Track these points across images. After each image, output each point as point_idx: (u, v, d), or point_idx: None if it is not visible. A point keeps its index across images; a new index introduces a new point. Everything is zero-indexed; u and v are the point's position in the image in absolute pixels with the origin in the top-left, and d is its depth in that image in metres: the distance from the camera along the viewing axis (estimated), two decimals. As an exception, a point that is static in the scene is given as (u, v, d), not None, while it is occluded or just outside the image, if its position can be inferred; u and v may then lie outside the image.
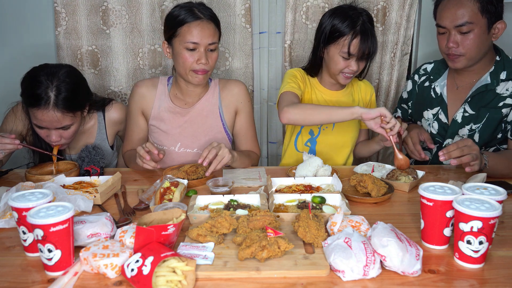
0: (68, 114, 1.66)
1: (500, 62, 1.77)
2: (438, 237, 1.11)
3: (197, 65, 1.69)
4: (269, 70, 2.47)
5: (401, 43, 2.36)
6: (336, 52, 1.76)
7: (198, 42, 1.66)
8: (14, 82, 1.69)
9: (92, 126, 1.91)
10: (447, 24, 1.69)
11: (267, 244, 1.03)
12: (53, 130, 1.68)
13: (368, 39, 1.72)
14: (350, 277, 0.98)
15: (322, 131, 1.95)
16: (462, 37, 1.68)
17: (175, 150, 1.84)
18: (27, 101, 1.66)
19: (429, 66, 1.98)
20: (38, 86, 1.60)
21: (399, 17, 2.34)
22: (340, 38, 1.74)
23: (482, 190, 1.10)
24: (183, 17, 1.67)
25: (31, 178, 1.59)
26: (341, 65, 1.78)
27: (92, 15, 2.30)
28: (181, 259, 0.98)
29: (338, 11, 1.78)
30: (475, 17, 1.64)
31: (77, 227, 1.12)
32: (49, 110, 1.61)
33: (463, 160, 1.47)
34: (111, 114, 1.92)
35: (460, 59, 1.72)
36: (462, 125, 1.81)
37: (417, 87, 1.99)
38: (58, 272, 1.02)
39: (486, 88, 1.76)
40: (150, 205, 1.36)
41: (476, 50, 1.69)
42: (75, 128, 1.74)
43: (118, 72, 2.39)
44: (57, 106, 1.61)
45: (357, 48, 1.72)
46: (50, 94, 1.60)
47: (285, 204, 1.37)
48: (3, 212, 1.28)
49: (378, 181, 1.47)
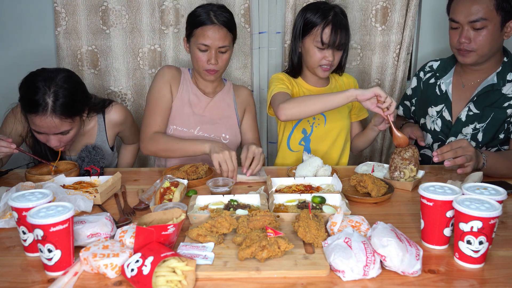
0: (67, 120, 1.65)
1: (508, 63, 1.78)
2: (438, 237, 1.11)
3: (207, 65, 1.81)
4: (268, 70, 2.46)
5: (406, 43, 2.36)
6: (311, 43, 1.81)
7: (209, 45, 1.78)
8: (14, 81, 1.69)
9: (92, 128, 1.90)
10: (461, 19, 1.69)
11: (267, 244, 1.03)
12: (52, 135, 1.68)
13: (340, 30, 1.77)
14: (350, 277, 0.98)
15: (315, 129, 1.97)
16: (475, 33, 1.68)
17: (194, 133, 1.90)
18: (25, 107, 1.65)
19: (435, 63, 1.98)
20: (36, 92, 1.59)
21: (401, 17, 2.33)
22: (313, 28, 1.79)
23: (482, 190, 1.10)
24: (199, 19, 1.78)
25: (31, 178, 1.59)
26: (317, 57, 1.82)
27: (92, 15, 2.30)
28: (181, 259, 0.98)
29: (311, 6, 1.86)
30: (490, 13, 1.64)
31: (77, 227, 1.12)
32: (47, 117, 1.60)
33: (457, 162, 1.46)
34: (111, 115, 1.91)
35: (471, 54, 1.72)
36: (466, 124, 1.81)
37: (422, 84, 1.99)
38: (58, 272, 1.02)
39: (492, 88, 1.76)
40: (150, 205, 1.36)
41: (488, 47, 1.69)
42: (74, 132, 1.73)
43: (118, 72, 2.39)
44: (55, 112, 1.60)
45: (330, 37, 1.77)
46: (48, 100, 1.59)
47: (285, 204, 1.37)
48: (3, 212, 1.28)
49: (378, 181, 1.47)
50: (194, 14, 1.81)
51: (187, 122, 1.90)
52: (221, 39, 1.78)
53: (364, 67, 2.45)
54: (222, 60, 1.83)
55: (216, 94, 1.97)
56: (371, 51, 2.41)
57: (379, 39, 2.38)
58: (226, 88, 2.01)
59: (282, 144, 2.04)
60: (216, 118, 1.94)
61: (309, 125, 1.97)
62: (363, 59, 2.44)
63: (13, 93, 1.95)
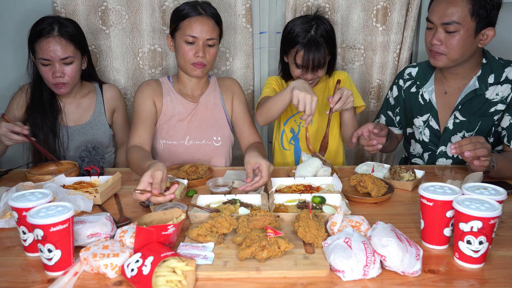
0: (71, 44, 1.83)
1: (487, 65, 1.74)
2: (438, 237, 1.11)
3: (195, 58, 1.76)
4: (269, 70, 2.47)
5: (408, 43, 2.35)
6: (291, 61, 1.86)
7: (196, 36, 1.74)
8: (14, 81, 1.70)
9: (91, 98, 2.03)
10: (435, 20, 1.66)
11: (267, 244, 1.03)
12: (56, 64, 1.81)
13: (312, 52, 1.77)
14: (350, 277, 0.98)
15: (302, 128, 1.99)
16: (447, 36, 1.65)
17: (184, 144, 1.87)
18: (33, 36, 1.83)
19: (414, 70, 1.93)
20: (44, 21, 1.84)
21: (401, 17, 2.34)
22: (291, 48, 1.83)
23: (482, 190, 1.10)
24: (186, 12, 1.76)
25: (31, 178, 1.59)
26: (297, 73, 1.86)
27: (92, 15, 2.29)
28: (181, 259, 0.98)
29: (297, 20, 1.86)
30: (464, 18, 1.61)
31: (77, 227, 1.12)
32: (54, 37, 1.80)
33: (478, 153, 1.41)
34: (108, 89, 2.07)
35: (441, 57, 1.69)
36: (454, 132, 1.79)
37: (403, 92, 1.94)
38: (58, 272, 1.02)
39: (475, 94, 1.73)
40: (150, 205, 1.35)
41: (459, 52, 1.65)
42: (75, 67, 1.87)
43: (117, 72, 2.39)
44: (61, 34, 1.82)
45: (302, 60, 1.79)
46: (54, 26, 1.82)
47: (285, 204, 1.37)
48: (3, 212, 1.28)
49: (378, 181, 1.47)
50: (179, 9, 1.79)
51: (176, 135, 1.86)
52: (209, 31, 1.75)
53: (366, 67, 2.46)
54: (210, 54, 1.78)
55: (201, 96, 1.91)
56: (373, 51, 2.42)
57: (379, 39, 2.38)
58: (211, 86, 1.95)
59: (276, 143, 2.07)
60: (205, 123, 1.90)
61: (296, 124, 2.00)
62: (366, 59, 2.44)
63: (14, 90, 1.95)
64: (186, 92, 1.91)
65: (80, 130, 1.98)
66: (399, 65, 2.40)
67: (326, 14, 2.33)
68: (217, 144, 1.90)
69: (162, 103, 1.86)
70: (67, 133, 1.95)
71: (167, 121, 1.86)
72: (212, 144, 1.89)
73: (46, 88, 1.91)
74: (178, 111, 1.87)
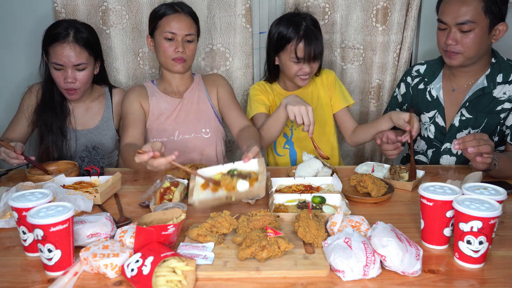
0: (85, 51, 1.83)
1: (496, 65, 1.76)
2: (438, 237, 1.11)
3: (175, 53, 1.81)
4: (269, 70, 2.47)
5: (408, 44, 2.35)
6: (287, 58, 1.88)
7: (175, 32, 1.80)
8: (14, 81, 1.70)
9: (100, 102, 2.02)
10: (448, 21, 1.67)
11: (267, 244, 1.03)
12: (69, 69, 1.80)
13: (312, 42, 1.83)
14: (350, 277, 0.98)
15: (295, 132, 2.02)
16: (462, 35, 1.66)
17: (174, 139, 1.90)
18: (47, 40, 1.82)
19: (422, 67, 1.95)
20: (59, 25, 1.84)
21: (401, 17, 2.33)
22: (287, 44, 1.86)
23: (482, 190, 1.10)
24: (163, 11, 1.84)
25: (31, 178, 1.59)
26: (294, 69, 1.89)
27: (92, 15, 2.29)
28: (181, 259, 0.99)
29: (283, 19, 1.91)
30: (478, 16, 1.63)
31: (77, 227, 1.12)
32: (69, 43, 1.80)
33: (481, 150, 1.41)
34: (117, 93, 2.05)
35: (457, 56, 1.71)
36: (459, 129, 1.80)
37: (411, 89, 1.96)
38: (58, 272, 1.02)
39: (483, 92, 1.75)
40: (150, 205, 1.36)
41: (474, 49, 1.68)
42: (88, 73, 1.86)
43: (118, 72, 2.38)
44: (76, 41, 1.81)
45: (304, 52, 1.83)
46: (70, 32, 1.81)
47: (285, 204, 1.37)
48: (3, 212, 1.28)
49: (378, 181, 1.47)
50: (156, 10, 1.86)
51: (165, 132, 1.90)
52: (187, 27, 1.81)
53: (366, 67, 2.46)
54: (189, 50, 1.84)
55: (186, 92, 1.94)
56: (372, 51, 2.42)
57: (379, 39, 2.38)
58: (195, 82, 1.99)
59: (269, 150, 2.10)
60: (192, 116, 1.93)
61: (288, 128, 2.03)
62: (365, 59, 2.44)
63: (13, 92, 1.95)
64: (171, 90, 1.95)
65: (87, 135, 1.98)
66: (399, 65, 2.40)
67: (326, 14, 2.33)
68: (206, 136, 1.93)
69: (149, 103, 1.90)
70: (75, 136, 1.95)
71: (156, 120, 1.90)
72: (202, 137, 1.92)
73: (57, 89, 1.90)
74: (164, 108, 1.91)
